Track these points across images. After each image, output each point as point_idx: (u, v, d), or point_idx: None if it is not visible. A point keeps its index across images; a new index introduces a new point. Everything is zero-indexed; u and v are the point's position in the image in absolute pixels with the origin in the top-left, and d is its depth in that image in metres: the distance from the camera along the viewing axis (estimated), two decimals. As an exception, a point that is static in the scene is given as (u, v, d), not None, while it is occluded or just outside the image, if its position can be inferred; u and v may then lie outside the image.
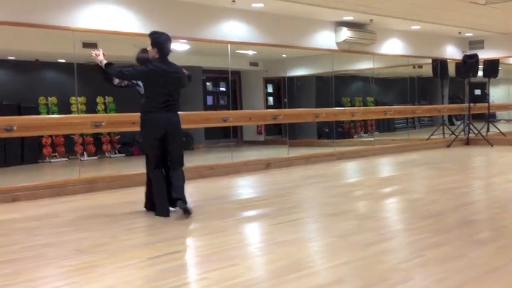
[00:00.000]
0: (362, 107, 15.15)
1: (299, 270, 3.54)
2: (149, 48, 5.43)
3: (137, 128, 5.62)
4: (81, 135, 11.69)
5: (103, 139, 12.58)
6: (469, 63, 13.01)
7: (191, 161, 11.35)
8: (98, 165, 11.47)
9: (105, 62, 5.39)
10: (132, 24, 8.56)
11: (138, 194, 7.03)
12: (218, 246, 4.24)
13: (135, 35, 8.65)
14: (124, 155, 12.93)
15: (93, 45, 9.69)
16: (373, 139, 14.34)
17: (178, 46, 10.43)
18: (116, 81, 5.75)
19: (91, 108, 12.49)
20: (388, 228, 4.94)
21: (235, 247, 4.31)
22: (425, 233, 4.41)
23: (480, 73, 13.51)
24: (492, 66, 13.58)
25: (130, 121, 8.10)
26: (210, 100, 16.23)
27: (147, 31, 8.64)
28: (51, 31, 7.91)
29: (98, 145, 12.53)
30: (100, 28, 8.18)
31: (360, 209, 5.88)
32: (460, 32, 13.78)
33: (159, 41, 5.42)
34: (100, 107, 12.85)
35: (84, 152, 12.06)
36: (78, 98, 11.52)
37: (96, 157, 12.38)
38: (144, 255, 4.01)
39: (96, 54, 5.45)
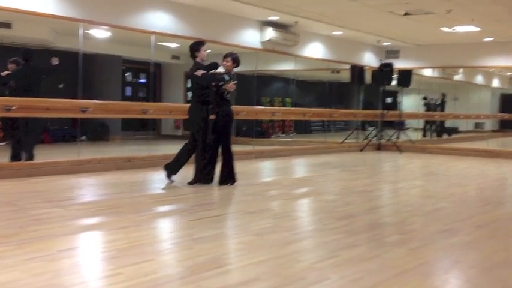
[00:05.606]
0: (282, 108, 15.33)
1: (216, 267, 3.50)
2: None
3: (50, 115, 5.37)
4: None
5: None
6: (385, 71, 13.54)
7: (107, 152, 11.11)
8: (4, 151, 10.87)
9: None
10: (49, 5, 8.15)
11: (47, 184, 6.75)
12: (132, 241, 4.11)
13: (52, 16, 8.28)
14: (34, 142, 12.34)
15: (7, 25, 9.22)
16: (290, 140, 14.55)
17: (97, 33, 10.08)
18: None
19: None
20: (303, 228, 5.01)
21: (149, 242, 4.21)
22: (339, 234, 4.50)
23: (394, 82, 14.10)
24: (406, 76, 14.19)
25: (44, 107, 7.73)
26: (128, 91, 15.86)
27: (65, 14, 8.42)
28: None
29: (6, 130, 11.87)
30: (15, 7, 7.72)
31: (276, 208, 5.92)
32: (378, 41, 14.28)
33: None
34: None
35: (-9, 137, 11.39)
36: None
37: (3, 143, 11.73)
38: (54, 248, 3.82)
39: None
